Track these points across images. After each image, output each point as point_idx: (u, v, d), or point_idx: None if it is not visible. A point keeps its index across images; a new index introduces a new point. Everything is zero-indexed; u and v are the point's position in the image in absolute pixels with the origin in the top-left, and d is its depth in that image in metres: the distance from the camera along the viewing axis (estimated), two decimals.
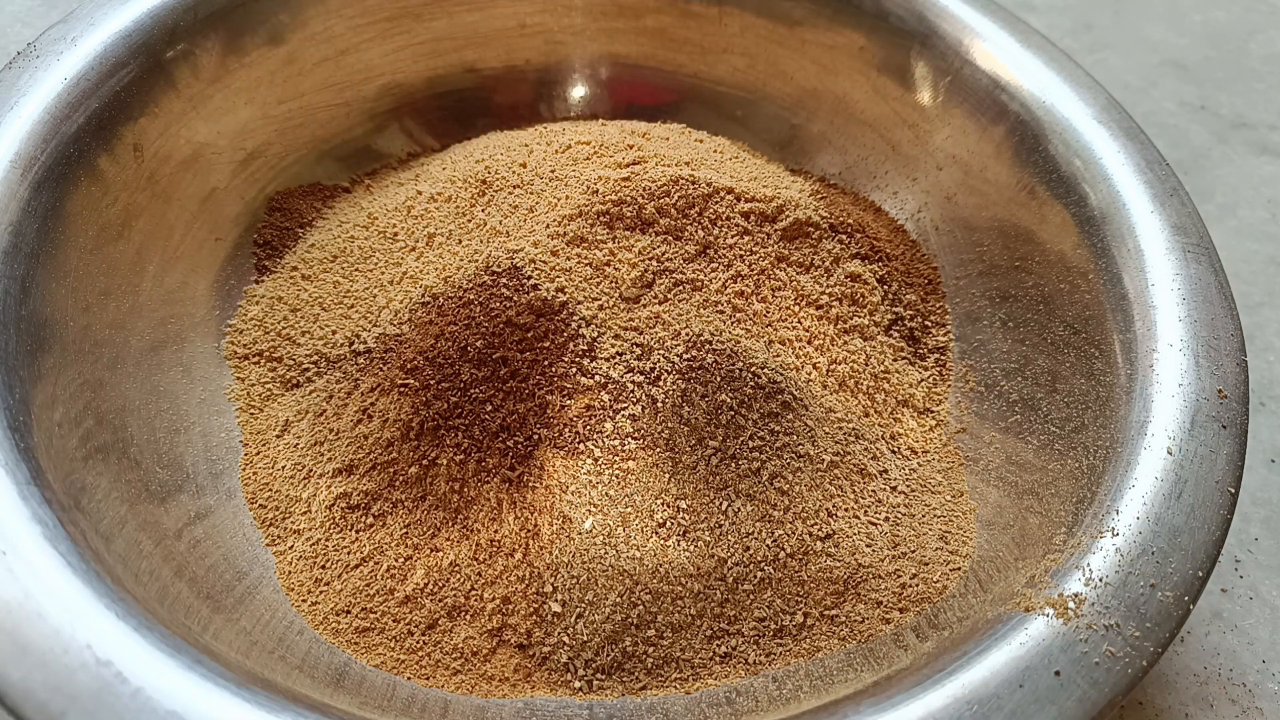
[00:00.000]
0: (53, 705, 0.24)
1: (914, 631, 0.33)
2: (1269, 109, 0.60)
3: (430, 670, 0.33)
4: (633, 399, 0.35)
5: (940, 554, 0.35)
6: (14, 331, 0.32)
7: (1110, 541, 0.30)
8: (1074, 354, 0.37)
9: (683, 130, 0.45)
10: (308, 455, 0.36)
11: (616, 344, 0.36)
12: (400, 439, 0.35)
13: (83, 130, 0.37)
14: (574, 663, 0.33)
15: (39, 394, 0.32)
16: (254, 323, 0.40)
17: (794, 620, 0.34)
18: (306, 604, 0.34)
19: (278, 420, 0.38)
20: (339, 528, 0.35)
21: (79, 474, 0.32)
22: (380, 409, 0.35)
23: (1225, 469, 0.31)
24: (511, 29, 0.49)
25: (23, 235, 0.33)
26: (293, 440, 0.37)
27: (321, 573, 0.34)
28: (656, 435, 0.34)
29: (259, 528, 0.35)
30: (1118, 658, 0.27)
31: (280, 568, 0.34)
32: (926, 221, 0.45)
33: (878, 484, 0.37)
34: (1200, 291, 0.35)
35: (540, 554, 0.33)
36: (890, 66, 0.46)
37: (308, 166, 0.46)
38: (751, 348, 0.36)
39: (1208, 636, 0.38)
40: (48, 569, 0.26)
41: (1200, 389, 0.33)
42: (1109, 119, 0.41)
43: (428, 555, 0.34)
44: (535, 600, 0.33)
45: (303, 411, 0.38)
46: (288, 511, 0.36)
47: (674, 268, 0.37)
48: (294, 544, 0.35)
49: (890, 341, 0.41)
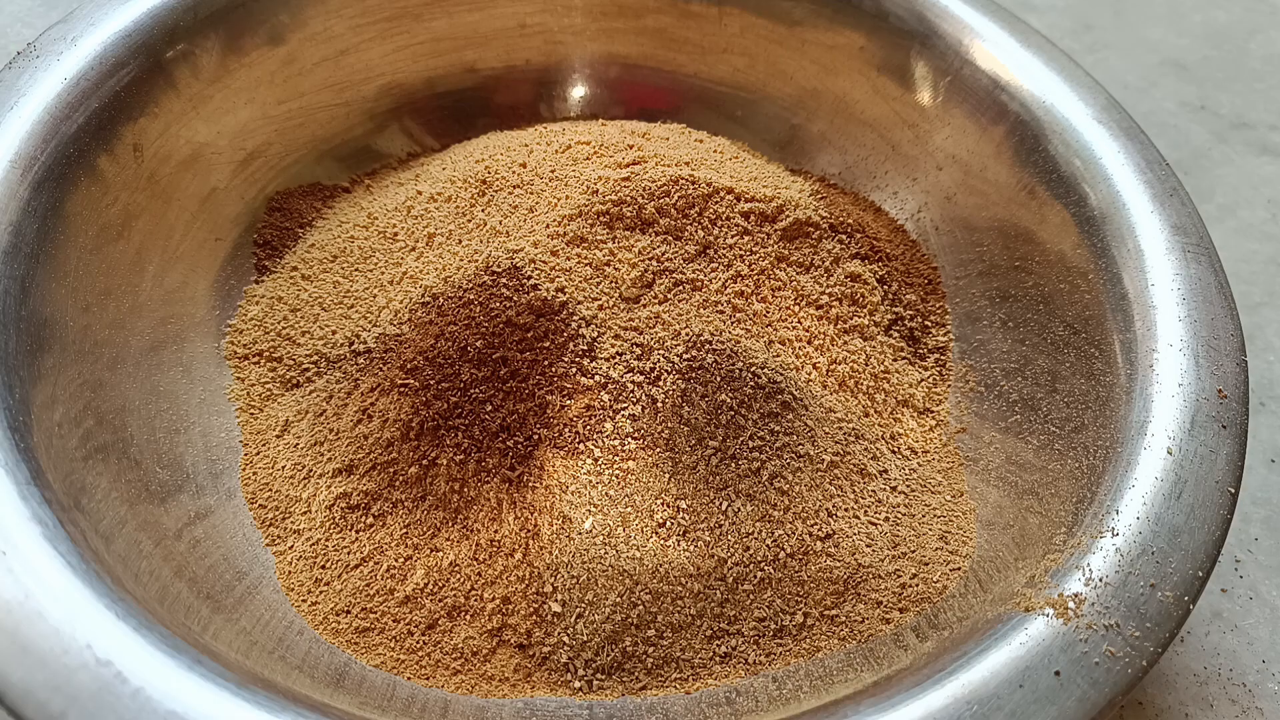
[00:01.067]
0: (53, 705, 0.24)
1: (914, 631, 0.33)
2: (1269, 109, 0.60)
3: (430, 670, 0.33)
4: (633, 399, 0.35)
5: (940, 554, 0.35)
6: (14, 331, 0.32)
7: (1110, 541, 0.30)
8: (1074, 354, 0.37)
9: (683, 130, 0.45)
10: (308, 455, 0.36)
11: (616, 344, 0.36)
12: (400, 439, 0.35)
13: (83, 130, 0.37)
14: (574, 663, 0.33)
15: (39, 394, 0.32)
16: (254, 323, 0.40)
17: (794, 620, 0.34)
18: (306, 604, 0.34)
19: (278, 420, 0.38)
20: (339, 528, 0.35)
21: (79, 474, 0.32)
22: (380, 409, 0.35)
23: (1225, 469, 0.31)
24: (511, 29, 0.49)
25: (23, 235, 0.33)
26: (293, 440, 0.37)
27: (321, 573, 0.34)
28: (656, 435, 0.34)
29: (259, 528, 0.35)
30: (1118, 658, 0.27)
31: (280, 568, 0.34)
32: (926, 221, 0.45)
33: (878, 484, 0.37)
34: (1200, 291, 0.35)
35: (540, 554, 0.33)
36: (890, 66, 0.46)
37: (308, 166, 0.46)
38: (751, 348, 0.36)
39: (1208, 636, 0.38)
40: (48, 569, 0.26)
41: (1200, 389, 0.33)
42: (1109, 119, 0.41)
43: (428, 555, 0.34)
44: (535, 600, 0.33)
45: (303, 411, 0.38)
46: (288, 511, 0.36)
47: (674, 268, 0.37)
48: (294, 544, 0.35)
49: (890, 341, 0.41)
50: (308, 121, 0.46)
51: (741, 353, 0.36)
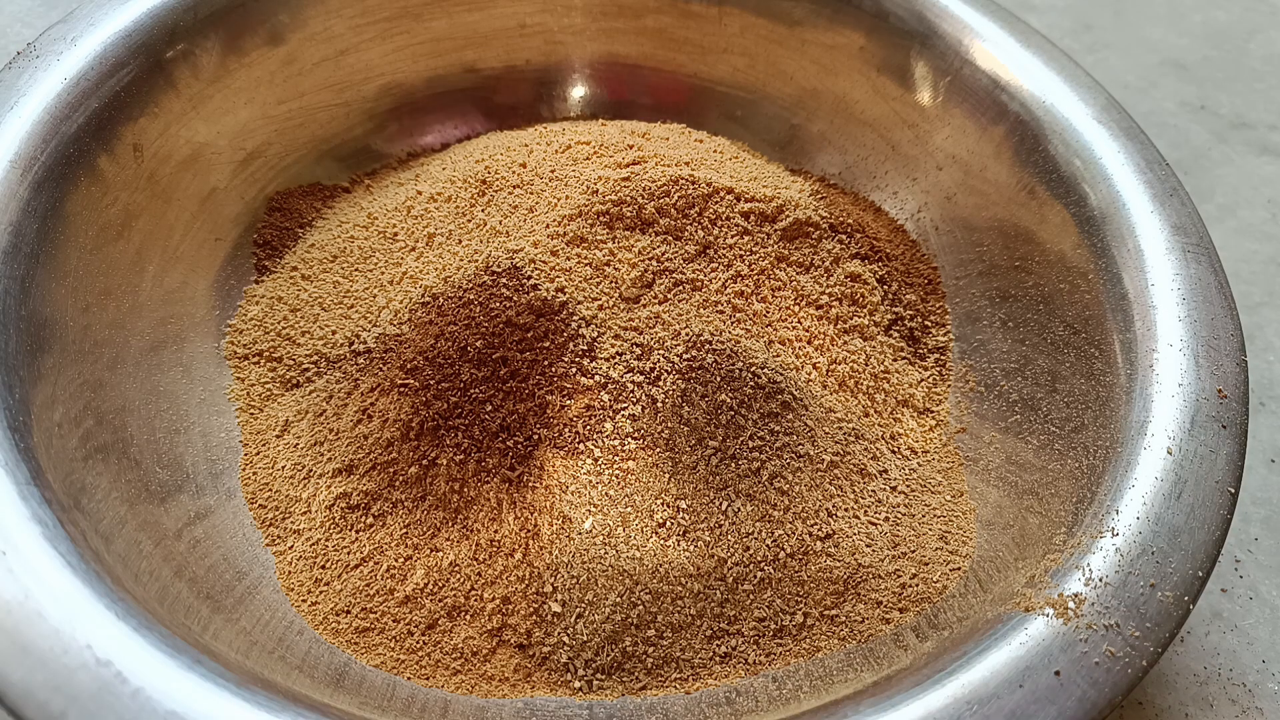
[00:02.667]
0: (53, 705, 0.24)
1: (914, 631, 0.33)
2: (1269, 109, 0.60)
3: (430, 670, 0.33)
4: (633, 399, 0.35)
5: (940, 554, 0.35)
6: (14, 331, 0.32)
7: (1110, 541, 0.30)
8: (1074, 354, 0.37)
9: (683, 130, 0.45)
10: (307, 455, 0.36)
11: (616, 344, 0.36)
12: (400, 439, 0.35)
13: (83, 130, 0.37)
14: (574, 662, 0.33)
15: (39, 394, 0.32)
16: (254, 323, 0.40)
17: (794, 620, 0.34)
18: (306, 604, 0.34)
19: (277, 420, 0.38)
20: (339, 528, 0.35)
21: (79, 474, 0.32)
22: (380, 409, 0.35)
23: (1225, 469, 0.31)
24: (511, 29, 0.49)
25: (23, 235, 0.33)
26: (292, 440, 0.37)
27: (321, 573, 0.34)
28: (656, 435, 0.34)
29: (259, 528, 0.35)
30: (1118, 658, 0.27)
31: (280, 568, 0.34)
32: (926, 221, 0.45)
33: (878, 484, 0.37)
34: (1200, 291, 0.35)
35: (540, 554, 0.33)
36: (890, 66, 0.46)
37: (308, 166, 0.46)
38: (751, 348, 0.36)
39: (1208, 636, 0.38)
40: (48, 569, 0.26)
41: (1200, 389, 0.33)
42: (1109, 119, 0.41)
43: (428, 555, 0.34)
44: (535, 600, 0.33)
45: (302, 412, 0.38)
46: (287, 511, 0.36)
47: (674, 268, 0.37)
48: (293, 544, 0.35)
49: (890, 341, 0.41)
50: (308, 121, 0.46)
51: (741, 353, 0.36)
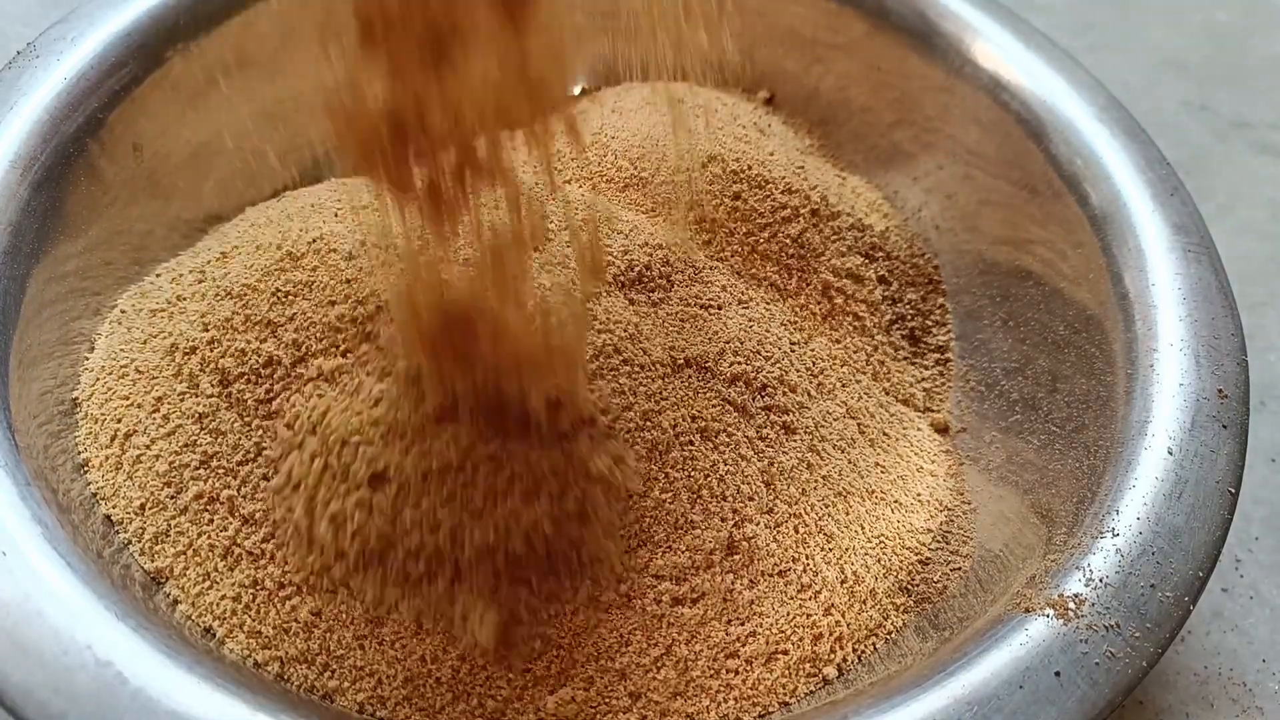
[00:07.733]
0: (53, 706, 0.24)
1: (914, 631, 0.33)
2: (1269, 109, 0.60)
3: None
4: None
5: (940, 554, 0.35)
6: (14, 331, 0.32)
7: (1110, 542, 0.30)
8: (1075, 353, 0.37)
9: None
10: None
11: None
12: None
13: (83, 130, 0.37)
14: None
15: None
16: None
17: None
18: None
19: None
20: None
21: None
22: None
23: (1226, 469, 0.31)
24: None
25: (23, 235, 0.33)
26: None
27: None
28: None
29: None
30: (1118, 658, 0.27)
31: None
32: (927, 220, 0.45)
33: (877, 483, 0.36)
34: (1201, 291, 0.35)
35: None
36: (890, 65, 0.46)
37: (308, 167, 0.45)
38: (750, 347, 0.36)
39: (1208, 636, 0.38)
40: (47, 569, 0.26)
41: (1201, 389, 0.33)
42: (1110, 118, 0.41)
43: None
44: None
45: None
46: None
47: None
48: None
49: (890, 341, 0.41)
50: (308, 121, 0.45)
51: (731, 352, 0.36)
